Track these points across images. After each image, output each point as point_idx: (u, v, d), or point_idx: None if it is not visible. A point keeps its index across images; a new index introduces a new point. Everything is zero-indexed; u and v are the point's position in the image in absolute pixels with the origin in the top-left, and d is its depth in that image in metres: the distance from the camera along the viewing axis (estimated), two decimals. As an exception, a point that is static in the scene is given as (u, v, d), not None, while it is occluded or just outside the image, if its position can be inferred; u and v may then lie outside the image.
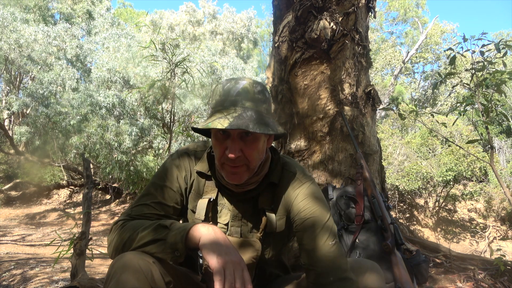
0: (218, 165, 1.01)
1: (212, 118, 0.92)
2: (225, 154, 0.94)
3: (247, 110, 0.92)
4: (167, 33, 14.84)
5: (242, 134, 0.94)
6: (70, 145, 8.06)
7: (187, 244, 0.88)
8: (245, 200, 1.08)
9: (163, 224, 0.92)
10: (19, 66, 9.60)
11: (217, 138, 0.97)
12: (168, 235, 0.89)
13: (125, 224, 0.98)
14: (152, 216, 1.01)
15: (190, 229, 0.89)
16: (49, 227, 8.28)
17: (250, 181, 1.03)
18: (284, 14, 2.43)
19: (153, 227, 0.92)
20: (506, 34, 16.24)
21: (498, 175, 2.74)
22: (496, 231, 8.31)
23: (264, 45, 18.16)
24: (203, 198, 1.08)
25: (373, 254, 1.70)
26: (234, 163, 0.95)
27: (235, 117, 0.90)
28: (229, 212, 1.09)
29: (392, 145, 8.60)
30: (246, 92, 0.94)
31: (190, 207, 1.11)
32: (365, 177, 1.87)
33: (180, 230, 0.89)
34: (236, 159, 0.94)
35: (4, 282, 3.03)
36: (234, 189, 1.06)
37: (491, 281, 2.11)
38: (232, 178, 0.98)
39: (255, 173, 1.03)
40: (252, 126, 0.89)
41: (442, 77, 3.38)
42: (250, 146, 0.95)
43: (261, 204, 1.07)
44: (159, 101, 7.65)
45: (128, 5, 19.43)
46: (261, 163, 1.04)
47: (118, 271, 0.84)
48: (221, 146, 0.96)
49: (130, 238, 0.93)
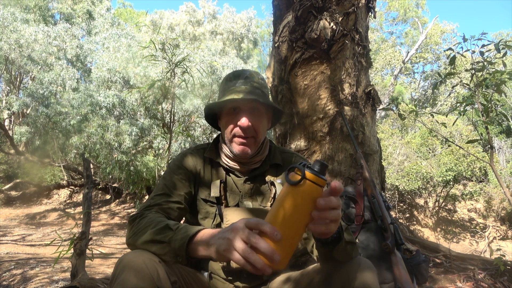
0: (227, 141, 1.14)
1: (226, 96, 1.10)
2: (236, 127, 1.10)
3: (255, 89, 1.12)
4: (167, 33, 14.84)
5: (251, 109, 1.11)
6: (70, 145, 8.06)
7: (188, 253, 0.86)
8: (252, 179, 1.19)
9: (170, 226, 0.91)
10: (19, 66, 9.60)
11: (229, 114, 1.13)
12: (172, 239, 0.88)
13: (142, 217, 0.99)
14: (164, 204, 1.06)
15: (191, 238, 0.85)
16: (49, 227, 8.28)
17: (254, 159, 1.17)
18: (284, 14, 2.43)
19: (160, 227, 0.92)
20: (506, 34, 16.26)
21: (498, 175, 2.74)
22: (496, 231, 8.31)
23: (264, 45, 18.17)
24: (214, 181, 1.17)
25: (373, 254, 1.70)
26: (245, 133, 1.10)
27: (247, 92, 1.09)
28: (239, 192, 1.18)
29: (392, 145, 8.60)
30: (253, 76, 1.16)
31: (203, 196, 1.17)
32: (365, 177, 1.87)
33: (182, 236, 0.86)
34: (246, 129, 1.09)
35: (4, 282, 3.03)
36: (241, 169, 1.17)
37: (491, 281, 2.11)
38: (242, 148, 1.11)
39: (258, 152, 1.17)
40: (262, 100, 1.09)
41: (442, 77, 3.39)
42: (258, 119, 1.12)
43: (268, 178, 1.19)
44: (159, 101, 7.66)
45: (128, 5, 19.45)
46: (263, 142, 1.19)
47: (124, 270, 0.84)
48: (232, 121, 1.11)
49: (141, 232, 0.94)
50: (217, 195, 1.14)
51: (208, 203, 1.16)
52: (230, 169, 1.18)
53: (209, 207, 1.16)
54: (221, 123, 1.18)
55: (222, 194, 1.15)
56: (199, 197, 1.17)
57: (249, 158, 1.16)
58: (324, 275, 0.99)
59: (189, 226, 0.90)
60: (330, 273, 0.98)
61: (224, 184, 1.17)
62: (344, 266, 0.96)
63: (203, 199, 1.16)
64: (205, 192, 1.17)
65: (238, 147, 1.11)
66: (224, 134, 1.15)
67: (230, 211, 1.13)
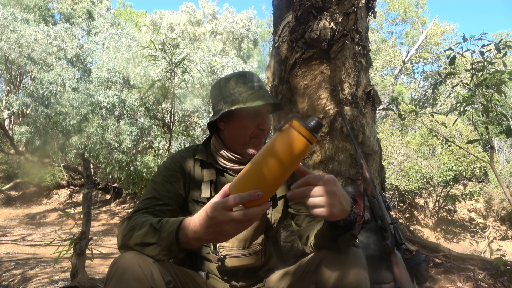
0: (239, 144, 1.14)
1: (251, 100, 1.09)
2: (256, 130, 1.12)
3: (267, 92, 1.15)
4: (167, 33, 14.84)
5: (268, 113, 1.16)
6: (70, 145, 8.06)
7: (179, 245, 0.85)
8: None
9: (154, 226, 0.89)
10: (19, 66, 9.60)
11: (249, 118, 1.12)
12: (159, 237, 0.87)
13: (129, 220, 0.99)
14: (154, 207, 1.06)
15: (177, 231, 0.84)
16: (49, 227, 8.27)
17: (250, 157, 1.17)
18: (284, 14, 2.43)
19: (145, 229, 0.91)
20: (506, 34, 16.25)
21: (498, 175, 2.74)
22: (496, 231, 8.31)
23: (264, 45, 18.16)
24: (205, 182, 1.17)
25: (373, 254, 1.70)
26: (264, 136, 1.14)
27: (268, 96, 1.11)
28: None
29: (392, 145, 8.60)
30: (260, 79, 1.18)
31: (194, 197, 1.16)
32: (365, 177, 1.87)
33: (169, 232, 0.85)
34: (267, 132, 1.14)
35: (4, 282, 3.03)
36: (236, 168, 1.17)
37: (491, 281, 2.11)
38: (259, 149, 1.10)
39: None
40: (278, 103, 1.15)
41: (442, 77, 3.39)
42: (269, 122, 1.17)
43: None
44: (159, 101, 7.67)
45: (128, 5, 19.44)
46: None
47: (118, 271, 0.84)
48: (253, 123, 1.12)
49: (128, 235, 0.94)
50: (207, 196, 1.13)
51: (199, 204, 1.15)
52: (224, 169, 1.18)
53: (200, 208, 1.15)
54: (232, 126, 1.13)
55: (213, 195, 1.14)
56: (190, 198, 1.17)
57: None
58: (315, 263, 1.00)
59: (171, 220, 0.88)
60: (321, 261, 0.99)
61: (215, 184, 1.16)
62: (334, 254, 0.98)
63: (194, 200, 1.16)
64: (196, 193, 1.16)
65: (255, 148, 1.13)
66: (236, 137, 1.13)
67: None
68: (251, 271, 1.17)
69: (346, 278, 0.92)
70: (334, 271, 0.94)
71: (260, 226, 1.12)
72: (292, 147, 0.72)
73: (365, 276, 0.94)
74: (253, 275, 1.18)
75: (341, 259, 0.96)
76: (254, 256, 1.11)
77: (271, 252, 1.22)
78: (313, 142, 0.74)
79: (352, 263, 0.94)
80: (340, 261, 0.95)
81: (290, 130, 0.73)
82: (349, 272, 0.92)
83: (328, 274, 0.95)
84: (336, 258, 0.96)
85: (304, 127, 0.73)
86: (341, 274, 0.93)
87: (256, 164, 0.73)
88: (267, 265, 1.20)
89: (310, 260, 1.04)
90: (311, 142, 0.73)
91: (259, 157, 0.74)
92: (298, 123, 0.73)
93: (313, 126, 0.74)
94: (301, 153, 0.73)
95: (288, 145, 0.72)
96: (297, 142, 0.72)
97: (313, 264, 1.01)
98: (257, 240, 1.11)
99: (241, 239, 1.09)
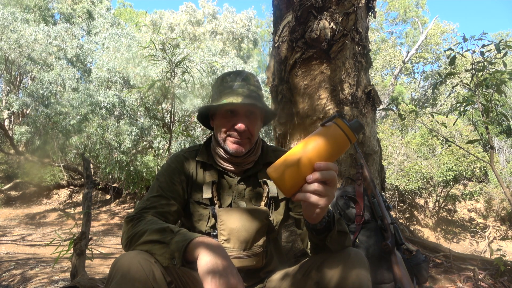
0: (221, 140, 1.14)
1: (224, 98, 1.09)
2: (232, 128, 1.11)
3: (252, 92, 1.12)
4: (167, 33, 14.83)
5: (247, 112, 1.12)
6: (70, 145, 8.06)
7: (185, 256, 0.85)
8: (246, 179, 1.20)
9: (171, 229, 0.92)
10: (19, 66, 9.60)
11: (225, 117, 1.13)
12: (172, 240, 0.88)
13: (139, 219, 1.00)
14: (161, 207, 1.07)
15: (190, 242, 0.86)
16: (49, 227, 8.27)
17: (248, 160, 1.18)
18: (284, 14, 2.43)
19: (161, 227, 0.92)
20: (506, 35, 16.25)
21: (498, 175, 2.74)
22: (496, 231, 8.30)
23: (264, 45, 18.16)
24: (207, 183, 1.17)
25: (373, 254, 1.70)
26: (241, 137, 1.11)
27: (245, 96, 1.09)
28: (232, 192, 1.18)
29: (392, 145, 8.60)
30: (249, 79, 1.16)
31: (195, 199, 1.16)
32: (365, 177, 1.87)
33: (183, 239, 0.87)
34: (242, 132, 1.10)
35: (4, 282, 3.03)
36: (234, 170, 1.17)
37: (491, 281, 2.11)
38: (236, 147, 1.12)
39: (252, 152, 1.18)
40: (260, 104, 1.10)
41: (442, 77, 3.39)
42: (253, 122, 1.13)
43: (261, 177, 1.20)
44: (159, 101, 7.66)
45: (128, 5, 19.45)
46: (257, 143, 1.20)
47: (120, 270, 0.84)
48: (228, 123, 1.12)
49: (140, 233, 0.94)
50: (209, 197, 1.14)
51: (201, 205, 1.16)
52: (224, 171, 1.18)
53: (202, 210, 1.16)
54: (215, 123, 1.17)
55: (214, 195, 1.15)
56: (192, 200, 1.17)
57: (243, 158, 1.16)
58: (317, 264, 1.00)
59: (189, 232, 0.91)
60: (323, 262, 0.99)
61: (217, 185, 1.17)
62: (336, 255, 0.98)
63: (196, 202, 1.16)
64: (197, 195, 1.17)
65: (232, 146, 1.12)
66: (218, 134, 1.15)
67: (224, 212, 1.12)
68: (252, 272, 1.17)
69: (348, 278, 0.92)
70: (336, 271, 0.94)
71: (262, 228, 1.12)
72: (332, 143, 0.74)
73: (367, 277, 0.94)
74: (254, 276, 1.18)
75: (343, 260, 0.96)
76: (255, 257, 1.12)
77: (272, 253, 1.22)
78: (353, 142, 0.76)
79: (354, 263, 0.94)
80: (342, 262, 0.95)
81: (333, 126, 0.75)
82: (351, 273, 0.92)
83: (330, 275, 0.95)
84: (338, 259, 0.97)
85: (347, 126, 0.75)
86: (343, 274, 0.93)
87: (297, 152, 0.75)
88: (268, 266, 1.20)
89: (312, 261, 1.04)
90: (351, 141, 0.75)
91: (298, 148, 0.76)
92: (342, 121, 0.75)
93: (355, 127, 0.76)
94: (339, 150, 0.75)
95: (329, 140, 0.74)
96: (338, 139, 0.74)
97: (315, 264, 1.01)
98: (258, 242, 1.11)
99: (243, 241, 1.09)
